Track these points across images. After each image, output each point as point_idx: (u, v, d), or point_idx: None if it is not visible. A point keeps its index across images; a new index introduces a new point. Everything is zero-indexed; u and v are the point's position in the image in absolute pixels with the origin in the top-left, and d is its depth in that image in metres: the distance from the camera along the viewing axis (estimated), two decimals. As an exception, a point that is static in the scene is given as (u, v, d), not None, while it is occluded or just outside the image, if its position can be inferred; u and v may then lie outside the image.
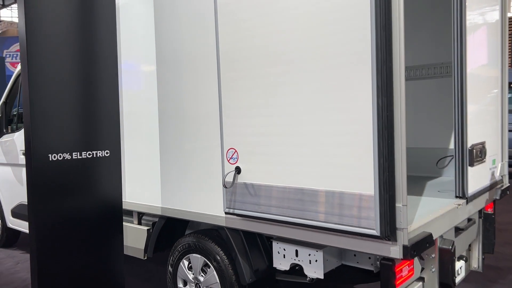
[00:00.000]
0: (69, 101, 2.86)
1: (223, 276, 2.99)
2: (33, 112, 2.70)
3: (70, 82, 2.87)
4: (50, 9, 2.76)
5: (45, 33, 2.74)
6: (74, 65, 2.88)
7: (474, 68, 3.06)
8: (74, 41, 2.88)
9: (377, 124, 2.09)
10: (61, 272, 2.90)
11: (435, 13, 3.84)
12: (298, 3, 2.33)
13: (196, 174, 3.04)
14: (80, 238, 2.99)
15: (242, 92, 2.65)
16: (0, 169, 5.26)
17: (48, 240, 2.84)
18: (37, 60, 2.70)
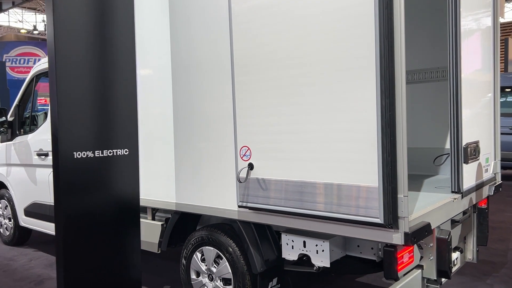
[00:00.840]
0: (92, 102, 3.06)
1: (235, 266, 3.20)
2: (60, 112, 2.89)
3: (93, 85, 3.06)
4: (75, 17, 2.96)
5: (70, 39, 2.94)
6: (97, 70, 3.08)
7: (468, 72, 3.29)
8: (96, 47, 3.08)
9: (381, 123, 2.31)
10: (84, 265, 3.07)
11: (433, 20, 4.07)
12: (309, 14, 2.55)
13: (210, 171, 3.25)
14: (101, 232, 3.16)
15: (254, 94, 2.87)
16: (13, 170, 5.45)
17: (72, 233, 3.01)
18: (64, 65, 2.90)
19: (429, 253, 2.88)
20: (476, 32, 3.50)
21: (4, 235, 5.83)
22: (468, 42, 3.28)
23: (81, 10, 2.99)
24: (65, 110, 2.91)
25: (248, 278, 3.15)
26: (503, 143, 6.37)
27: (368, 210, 2.39)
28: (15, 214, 5.50)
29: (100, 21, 3.10)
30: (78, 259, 3.05)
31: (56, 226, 3.07)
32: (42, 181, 4.93)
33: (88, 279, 3.10)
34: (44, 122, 4.97)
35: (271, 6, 2.73)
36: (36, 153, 4.95)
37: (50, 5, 2.86)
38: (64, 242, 2.97)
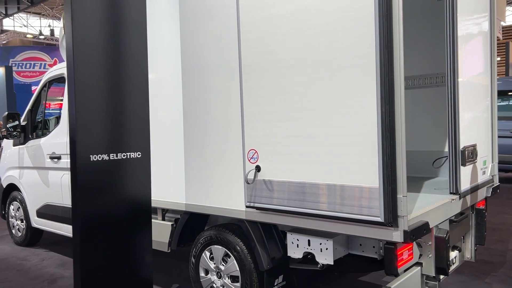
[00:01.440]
0: (107, 108, 3.22)
1: (243, 264, 3.35)
2: (78, 117, 3.05)
3: (108, 92, 3.23)
4: (92, 28, 3.12)
5: (88, 49, 3.10)
6: (111, 77, 3.24)
7: (466, 77, 3.43)
8: (111, 55, 3.24)
9: (381, 127, 2.46)
10: (100, 263, 3.21)
11: (433, 27, 4.20)
12: (313, 25, 2.72)
13: (218, 173, 3.41)
14: (115, 232, 3.31)
15: (261, 100, 3.03)
16: (26, 172, 5.62)
17: (89, 232, 3.16)
18: (81, 74, 3.06)
19: (428, 251, 3.02)
20: (473, 36, 3.64)
21: (16, 236, 6.00)
22: (465, 47, 3.43)
23: (97, 21, 3.16)
24: (83, 115, 3.07)
25: (255, 275, 3.30)
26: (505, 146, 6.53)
27: (369, 209, 2.54)
28: (27, 215, 5.67)
29: (115, 31, 3.27)
30: (94, 257, 3.20)
31: (73, 226, 3.23)
32: (54, 183, 5.10)
33: (103, 277, 3.25)
34: (57, 126, 5.14)
35: (277, 17, 2.89)
36: (49, 156, 5.12)
37: (69, 17, 3.03)
38: (81, 240, 3.12)
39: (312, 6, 2.72)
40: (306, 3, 2.75)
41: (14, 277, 4.73)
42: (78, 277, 3.14)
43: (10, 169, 5.95)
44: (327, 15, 2.65)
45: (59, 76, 5.19)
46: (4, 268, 5.04)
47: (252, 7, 3.03)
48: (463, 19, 3.33)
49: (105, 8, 3.19)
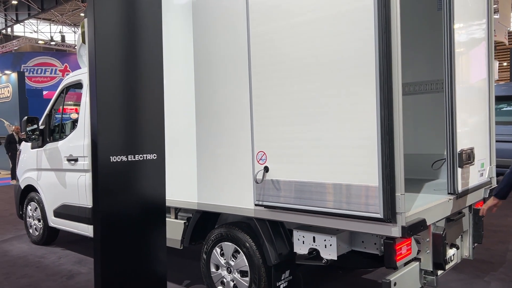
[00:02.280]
0: (126, 112, 3.45)
1: (252, 259, 3.56)
2: (99, 121, 3.28)
3: (126, 97, 3.46)
4: (112, 38, 3.35)
5: (108, 58, 3.33)
6: (130, 83, 3.47)
7: (463, 84, 3.62)
8: (129, 64, 3.47)
9: (381, 131, 2.67)
10: (118, 259, 3.41)
11: (433, 34, 4.40)
12: (318, 37, 2.94)
13: (229, 174, 3.63)
14: (132, 230, 3.51)
15: (270, 105, 3.25)
16: (43, 174, 5.88)
17: (108, 230, 3.37)
18: (102, 79, 3.30)
19: (426, 247, 3.21)
20: (471, 43, 3.83)
21: (34, 235, 6.25)
22: (463, 54, 3.62)
23: (117, 32, 3.39)
24: (103, 119, 3.31)
25: (263, 270, 3.51)
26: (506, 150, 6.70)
27: (370, 206, 2.75)
28: (45, 215, 5.92)
29: (133, 41, 3.50)
30: (113, 253, 3.41)
31: (94, 223, 3.45)
32: (71, 184, 5.35)
33: (121, 272, 3.46)
34: (73, 130, 5.39)
35: (284, 29, 3.12)
36: (66, 159, 5.37)
37: (91, 29, 3.27)
38: (101, 237, 3.34)
39: (316, 20, 2.94)
40: (311, 17, 2.97)
41: (33, 273, 4.98)
42: (99, 272, 3.36)
43: (28, 171, 6.22)
44: (330, 29, 2.87)
45: (77, 82, 5.45)
46: (24, 265, 5.28)
47: (261, 20, 3.27)
48: (460, 27, 3.53)
49: (124, 19, 3.43)
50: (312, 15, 2.96)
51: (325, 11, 2.90)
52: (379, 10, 2.65)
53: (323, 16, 2.90)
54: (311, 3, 2.97)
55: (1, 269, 5.16)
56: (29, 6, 29.62)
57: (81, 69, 5.57)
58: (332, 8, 2.86)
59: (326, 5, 2.89)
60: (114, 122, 3.38)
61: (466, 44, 3.73)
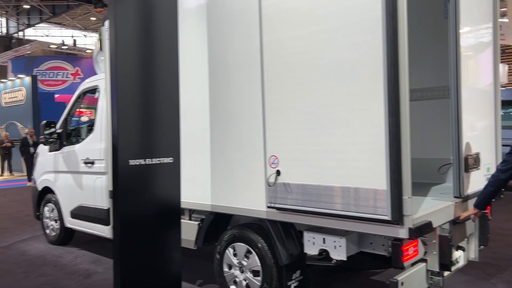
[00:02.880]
0: (144, 117, 3.61)
1: (264, 259, 3.69)
2: (119, 126, 3.45)
3: (144, 103, 3.62)
4: (131, 47, 3.52)
5: (127, 65, 3.51)
6: (147, 90, 3.64)
7: (469, 91, 3.73)
8: (147, 70, 3.64)
9: (388, 137, 2.80)
10: (136, 258, 3.55)
11: (439, 43, 4.51)
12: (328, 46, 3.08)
13: (242, 177, 3.77)
14: (149, 231, 3.65)
15: (282, 112, 3.39)
16: (60, 176, 6.07)
17: (126, 230, 3.53)
18: (122, 86, 3.47)
19: (432, 249, 3.32)
20: (477, 49, 3.94)
21: (50, 235, 6.44)
22: (469, 61, 3.74)
23: (135, 41, 3.56)
24: (123, 124, 3.48)
25: (275, 270, 3.64)
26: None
27: (378, 209, 2.88)
28: (61, 216, 6.10)
29: (150, 49, 3.67)
30: (131, 252, 3.56)
31: (113, 224, 3.62)
32: (88, 186, 5.53)
33: (139, 271, 3.61)
34: (90, 134, 5.57)
35: (296, 38, 3.27)
36: (83, 161, 5.55)
37: (113, 38, 3.44)
38: (121, 237, 3.50)
39: (327, 30, 3.09)
40: (321, 27, 3.12)
41: (52, 272, 5.16)
42: (118, 270, 3.51)
43: (45, 173, 6.42)
44: (340, 39, 3.02)
45: (93, 87, 5.64)
46: (42, 264, 5.47)
47: (273, 29, 3.42)
48: (466, 33, 3.65)
49: (142, 28, 3.60)
50: (323, 25, 3.10)
51: (336, 21, 3.04)
52: (387, 22, 2.79)
53: (333, 26, 3.05)
54: (322, 14, 3.11)
55: (20, 268, 5.34)
56: (40, 10, 30.14)
57: (98, 75, 5.75)
58: (343, 19, 3.00)
59: (336, 16, 3.03)
60: (133, 127, 3.55)
61: (472, 49, 3.84)
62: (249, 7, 3.60)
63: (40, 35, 36.32)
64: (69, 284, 4.71)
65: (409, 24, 2.84)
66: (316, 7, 3.15)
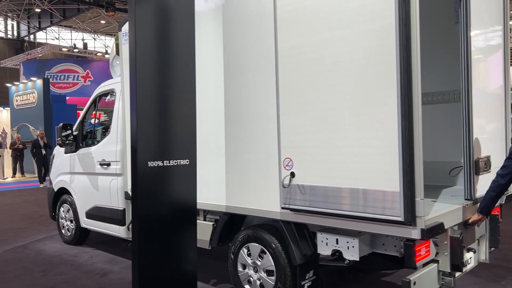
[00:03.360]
0: (162, 120, 3.71)
1: (278, 259, 3.78)
2: (139, 129, 3.56)
3: (162, 107, 3.72)
4: (150, 53, 3.62)
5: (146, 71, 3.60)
6: (165, 94, 3.75)
7: (480, 94, 3.79)
8: (165, 75, 3.75)
9: (401, 140, 2.88)
10: (154, 258, 3.65)
11: (450, 48, 4.58)
12: (342, 53, 3.18)
13: (256, 178, 3.87)
14: (166, 230, 3.74)
15: (297, 114, 3.49)
16: (76, 177, 6.21)
17: (145, 230, 3.62)
18: (142, 91, 3.58)
19: (444, 250, 3.39)
20: (487, 53, 4.00)
21: (66, 235, 6.58)
22: (479, 65, 3.80)
23: (154, 47, 3.66)
24: (142, 127, 3.59)
25: (288, 269, 3.73)
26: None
27: (391, 210, 2.96)
28: (77, 216, 6.24)
29: (168, 55, 3.78)
30: (149, 253, 3.66)
31: (132, 224, 3.72)
32: (103, 187, 5.66)
33: (157, 270, 3.71)
34: (106, 136, 5.70)
35: (310, 45, 3.36)
36: (99, 163, 5.68)
37: (133, 46, 3.55)
38: (139, 237, 3.60)
39: (342, 37, 3.18)
40: (336, 34, 3.21)
41: (69, 271, 5.28)
42: (136, 269, 3.60)
43: (61, 175, 6.56)
44: (355, 45, 3.10)
45: (110, 91, 5.77)
46: (59, 263, 5.60)
47: (288, 35, 3.52)
48: (476, 37, 3.72)
49: (160, 33, 3.70)
50: (338, 31, 3.19)
51: (350, 28, 3.13)
52: (400, 29, 2.87)
53: (348, 33, 3.14)
54: (337, 21, 3.20)
55: (38, 266, 5.48)
56: (51, 14, 30.58)
57: (114, 79, 5.89)
58: (357, 26, 3.09)
59: (351, 23, 3.13)
60: (152, 129, 3.66)
61: (483, 53, 3.90)
62: (264, 13, 3.70)
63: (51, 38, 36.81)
64: (86, 283, 4.83)
65: (420, 30, 2.92)
66: (331, 14, 3.24)
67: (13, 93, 20.21)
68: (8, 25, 35.86)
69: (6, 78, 32.79)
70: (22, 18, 33.35)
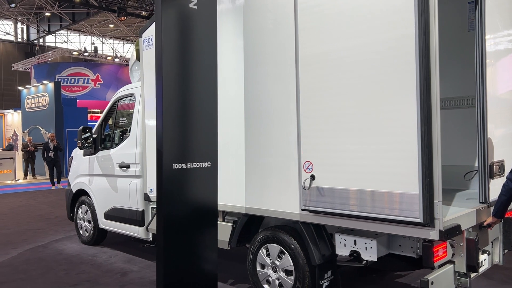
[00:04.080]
0: (186, 124, 3.85)
1: (296, 260, 3.90)
2: (164, 132, 3.70)
3: (186, 114, 3.86)
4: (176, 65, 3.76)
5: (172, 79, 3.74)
6: (189, 101, 3.89)
7: (494, 100, 3.90)
8: (189, 82, 3.89)
9: (421, 144, 3.00)
10: (178, 257, 3.78)
11: (464, 55, 4.68)
12: (363, 60, 3.30)
13: (276, 181, 3.99)
14: (189, 231, 3.89)
15: (317, 119, 3.61)
16: (95, 179, 6.36)
17: (170, 231, 3.75)
18: (167, 94, 3.73)
19: (460, 251, 3.50)
20: (503, 59, 4.10)
21: (84, 236, 6.73)
22: (494, 71, 3.91)
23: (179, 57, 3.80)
24: (168, 131, 3.73)
25: (307, 269, 3.85)
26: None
27: (411, 212, 3.07)
28: (95, 217, 6.38)
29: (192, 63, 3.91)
30: (173, 253, 3.78)
31: (157, 224, 3.86)
32: (122, 189, 5.80)
33: (181, 269, 3.83)
34: (126, 139, 5.85)
35: (331, 53, 3.50)
36: (118, 165, 5.83)
37: (159, 49, 3.70)
38: (164, 238, 3.73)
39: (363, 45, 3.30)
40: (357, 42, 3.34)
41: (90, 270, 5.43)
42: (161, 270, 3.72)
43: (80, 176, 6.72)
44: (375, 53, 3.23)
45: (129, 95, 5.93)
46: (79, 262, 5.75)
47: (310, 43, 3.65)
48: (491, 46, 3.84)
49: (184, 43, 3.84)
50: (359, 40, 3.32)
51: (371, 37, 3.26)
52: (419, 38, 3.00)
53: (369, 42, 3.26)
54: (358, 29, 3.33)
55: (60, 265, 5.63)
56: (61, 17, 30.95)
57: (133, 83, 6.04)
58: (378, 35, 3.22)
59: (372, 32, 3.25)
60: (176, 133, 3.80)
61: (497, 59, 4.01)
62: (285, 20, 3.84)
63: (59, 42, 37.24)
64: (108, 282, 4.97)
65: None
66: (352, 23, 3.37)
67: (24, 96, 20.48)
68: (18, 28, 36.32)
69: (15, 81, 33.24)
70: (32, 21, 33.77)
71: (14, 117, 23.33)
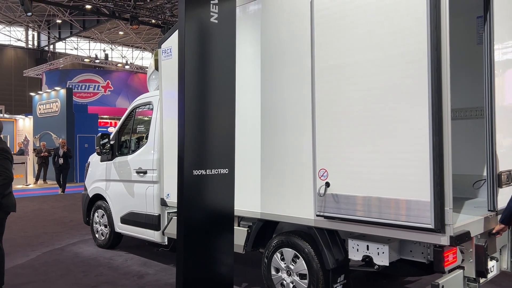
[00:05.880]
0: (205, 132, 4.03)
1: (310, 264, 4.05)
2: (186, 140, 3.88)
3: (206, 122, 4.04)
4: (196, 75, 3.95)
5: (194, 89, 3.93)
6: (209, 110, 4.07)
7: (503, 111, 4.04)
8: (209, 92, 4.07)
9: (432, 154, 3.16)
10: (196, 261, 3.94)
11: (473, 67, 4.83)
12: (377, 72, 3.47)
13: (291, 188, 4.15)
14: (208, 235, 4.05)
15: (332, 128, 3.77)
16: (112, 184, 6.55)
17: (189, 235, 3.92)
18: (189, 107, 3.91)
19: (469, 257, 3.63)
20: (509, 70, 4.24)
21: (100, 239, 6.91)
22: (502, 80, 4.05)
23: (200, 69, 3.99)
24: (189, 139, 3.91)
25: (321, 273, 3.99)
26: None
27: (422, 218, 3.22)
28: (111, 221, 6.56)
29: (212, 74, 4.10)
30: (192, 257, 3.95)
31: (178, 228, 4.03)
32: (139, 194, 5.98)
33: (199, 272, 3.99)
34: (143, 145, 6.04)
35: (346, 65, 3.67)
36: (136, 171, 6.02)
37: (182, 60, 3.89)
38: (184, 242, 3.90)
39: (376, 59, 3.47)
40: (371, 56, 3.51)
41: (107, 272, 5.60)
42: (181, 273, 3.88)
43: (97, 182, 6.92)
44: (389, 66, 3.40)
45: (147, 103, 6.13)
46: (97, 265, 5.92)
47: (325, 57, 3.82)
48: (499, 59, 3.99)
49: (205, 54, 4.04)
50: (374, 53, 3.49)
51: (384, 51, 3.43)
52: (431, 52, 3.17)
53: (382, 55, 3.44)
54: (372, 43, 3.51)
55: (78, 267, 5.80)
56: (71, 25, 31.46)
57: (151, 92, 6.25)
58: (391, 49, 3.39)
59: (385, 46, 3.42)
60: (197, 141, 3.98)
61: (505, 70, 4.15)
62: (301, 33, 4.03)
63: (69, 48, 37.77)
64: (126, 284, 5.14)
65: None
66: (367, 37, 3.54)
67: (36, 102, 20.84)
68: (29, 35, 36.90)
69: (26, 87, 33.74)
70: (43, 28, 34.32)
71: (25, 123, 23.69)
